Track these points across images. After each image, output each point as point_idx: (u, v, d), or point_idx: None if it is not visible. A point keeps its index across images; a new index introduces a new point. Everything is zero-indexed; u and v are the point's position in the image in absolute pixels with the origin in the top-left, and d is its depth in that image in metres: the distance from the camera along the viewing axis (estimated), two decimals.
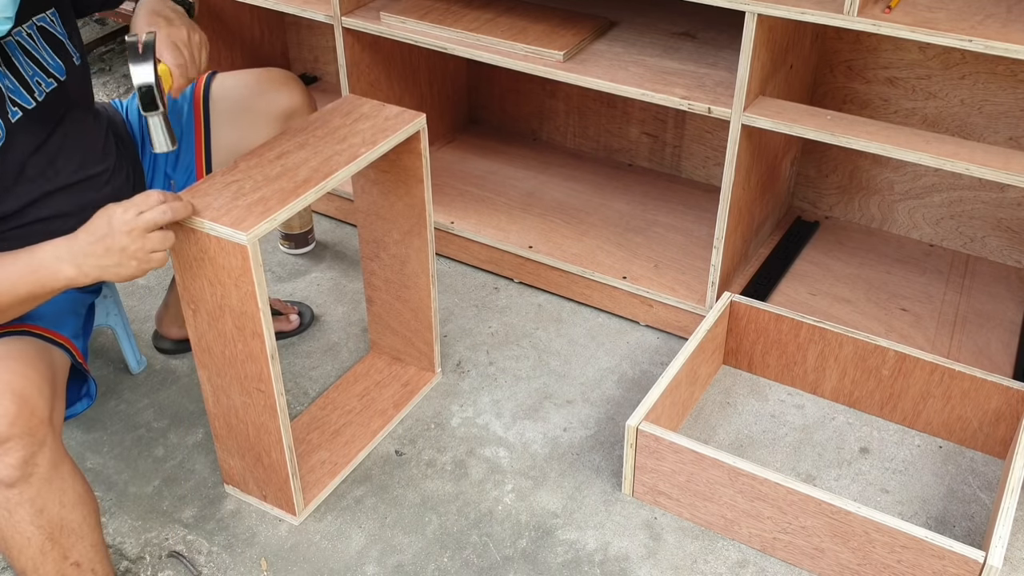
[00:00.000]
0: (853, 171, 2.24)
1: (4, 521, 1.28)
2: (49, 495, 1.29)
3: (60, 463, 1.31)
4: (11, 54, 1.35)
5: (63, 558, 1.34)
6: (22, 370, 1.26)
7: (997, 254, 2.16)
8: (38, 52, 1.39)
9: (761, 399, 1.89)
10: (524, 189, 2.41)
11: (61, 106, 1.43)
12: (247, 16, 2.75)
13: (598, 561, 1.58)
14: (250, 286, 1.36)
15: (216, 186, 1.42)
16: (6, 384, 1.23)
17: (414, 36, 2.03)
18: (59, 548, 1.33)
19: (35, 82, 1.38)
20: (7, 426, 1.21)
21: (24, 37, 1.37)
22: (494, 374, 1.97)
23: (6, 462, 1.22)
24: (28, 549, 1.31)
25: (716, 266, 1.92)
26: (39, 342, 1.35)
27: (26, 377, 1.26)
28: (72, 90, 1.45)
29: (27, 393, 1.24)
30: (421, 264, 1.76)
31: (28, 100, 1.37)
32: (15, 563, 1.32)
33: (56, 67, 1.42)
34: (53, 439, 1.28)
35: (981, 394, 1.71)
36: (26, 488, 1.26)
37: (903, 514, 1.65)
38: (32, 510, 1.28)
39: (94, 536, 1.39)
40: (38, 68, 1.39)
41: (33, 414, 1.24)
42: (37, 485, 1.27)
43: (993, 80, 1.97)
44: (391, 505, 1.69)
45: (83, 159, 1.48)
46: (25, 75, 1.37)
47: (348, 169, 1.48)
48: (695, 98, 1.78)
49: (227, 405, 1.56)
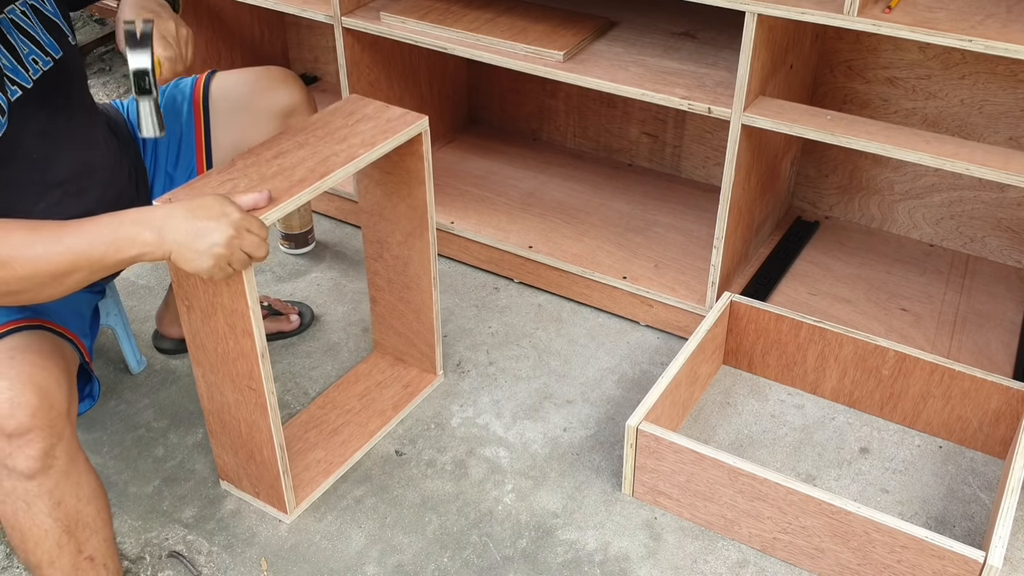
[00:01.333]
0: (853, 171, 2.24)
1: (23, 513, 1.28)
2: (67, 488, 1.30)
3: (76, 457, 1.32)
4: (6, 32, 1.35)
5: (78, 552, 1.35)
6: (42, 363, 1.27)
7: (997, 254, 2.16)
8: (33, 30, 1.39)
9: (761, 399, 1.89)
10: (524, 189, 2.41)
11: (59, 85, 1.43)
12: (247, 16, 2.75)
13: (598, 561, 1.58)
14: (240, 284, 1.36)
15: (211, 183, 1.42)
16: (28, 376, 1.23)
17: (414, 36, 2.03)
18: (75, 542, 1.34)
19: (31, 60, 1.38)
20: (28, 417, 1.22)
21: (18, 15, 1.38)
22: (494, 374, 1.97)
23: (27, 453, 1.23)
24: (45, 542, 1.31)
25: (716, 266, 1.92)
26: (53, 337, 1.36)
27: (46, 370, 1.26)
28: (69, 68, 1.45)
29: (47, 386, 1.25)
30: (423, 266, 1.76)
31: (26, 79, 1.37)
32: (31, 556, 1.33)
33: (51, 45, 1.42)
34: (70, 432, 1.29)
35: (981, 394, 1.71)
36: (45, 480, 1.27)
37: (903, 514, 1.65)
38: (50, 502, 1.29)
39: (107, 531, 1.40)
40: (34, 45, 1.39)
41: (53, 407, 1.25)
42: (56, 478, 1.28)
43: (993, 80, 1.97)
44: (391, 505, 1.69)
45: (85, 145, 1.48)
46: (20, 53, 1.37)
47: (345, 170, 1.48)
48: (695, 98, 1.79)
49: (220, 402, 1.56)
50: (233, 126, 1.69)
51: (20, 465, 1.24)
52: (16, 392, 1.21)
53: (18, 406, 1.21)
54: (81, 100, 1.50)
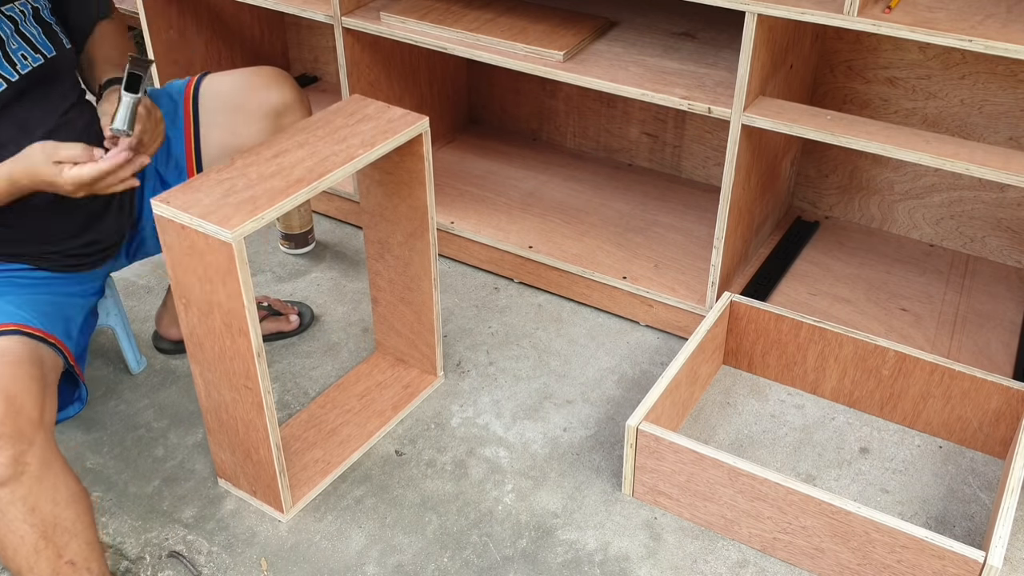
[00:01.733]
0: (853, 171, 2.24)
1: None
2: (41, 493, 1.29)
3: (52, 462, 1.31)
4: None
5: (57, 556, 1.34)
6: (10, 371, 1.27)
7: (997, 254, 2.16)
8: (28, 30, 1.41)
9: (761, 399, 1.89)
10: (524, 189, 2.41)
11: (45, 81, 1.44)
12: (247, 16, 2.75)
13: (598, 561, 1.58)
14: (236, 284, 1.36)
15: (209, 183, 1.42)
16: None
17: (414, 36, 2.03)
18: (53, 546, 1.33)
19: (19, 56, 1.40)
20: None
21: (17, 13, 1.38)
22: (494, 374, 1.97)
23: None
24: (22, 548, 1.31)
25: (716, 266, 1.92)
26: (30, 341, 1.36)
27: (14, 377, 1.26)
28: (60, 67, 1.47)
29: (14, 392, 1.25)
30: (424, 267, 1.76)
31: (11, 72, 1.39)
32: (10, 563, 1.33)
33: (44, 45, 1.43)
34: (44, 438, 1.29)
35: (981, 394, 1.71)
36: (17, 487, 1.26)
37: (903, 514, 1.65)
38: (24, 508, 1.28)
39: (88, 534, 1.39)
40: (25, 43, 1.40)
41: (20, 413, 1.25)
42: (28, 483, 1.27)
43: (993, 80, 1.97)
44: (391, 505, 1.69)
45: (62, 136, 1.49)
46: (9, 49, 1.38)
47: (343, 170, 1.48)
48: (695, 98, 1.79)
49: (218, 400, 1.56)
50: (224, 126, 1.68)
51: None
52: None
53: None
54: (67, 96, 1.51)
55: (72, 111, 1.52)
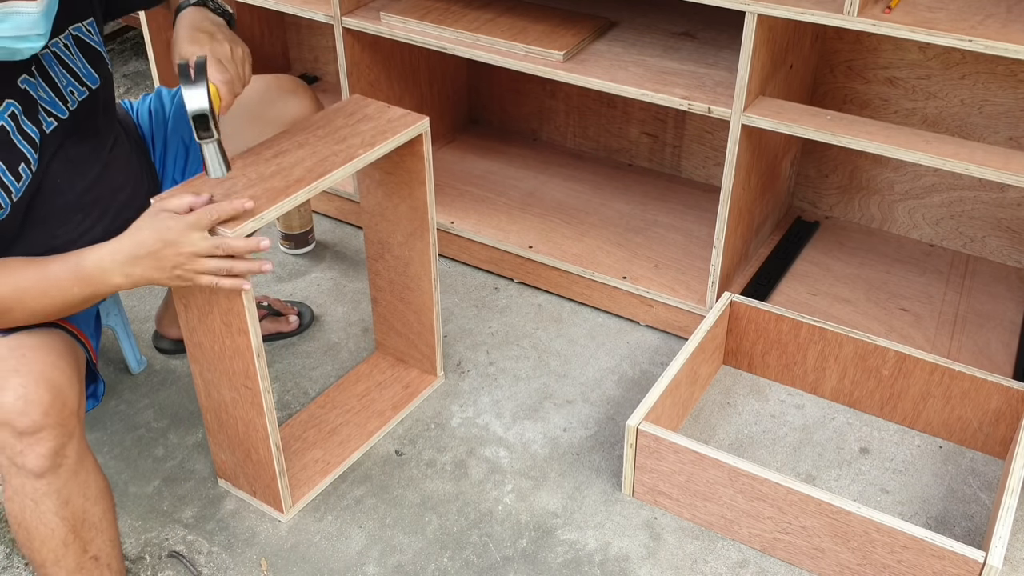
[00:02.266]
0: (853, 171, 2.24)
1: (30, 511, 1.29)
2: (75, 487, 1.31)
3: (85, 456, 1.32)
4: (47, 66, 1.35)
5: (83, 551, 1.35)
6: (55, 361, 1.27)
7: (997, 254, 2.16)
8: (73, 62, 1.39)
9: (761, 399, 1.89)
10: (524, 189, 2.41)
11: (91, 114, 1.43)
12: (247, 16, 2.75)
13: (598, 561, 1.58)
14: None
15: (209, 183, 1.42)
16: (40, 374, 1.24)
17: (414, 36, 2.03)
18: (80, 541, 1.34)
19: (68, 91, 1.38)
20: (41, 415, 1.22)
21: (61, 48, 1.37)
22: (494, 374, 1.97)
23: (37, 452, 1.23)
24: (51, 541, 1.32)
25: (716, 266, 1.92)
26: (66, 335, 1.36)
27: (59, 368, 1.27)
28: (102, 96, 1.45)
29: (60, 384, 1.25)
30: (424, 267, 1.76)
31: (62, 110, 1.37)
32: (36, 554, 1.33)
33: (88, 76, 1.42)
34: (80, 432, 1.30)
35: (981, 394, 1.71)
36: (54, 479, 1.27)
37: (903, 514, 1.65)
38: (58, 501, 1.29)
39: (112, 531, 1.41)
40: (72, 78, 1.39)
41: (65, 405, 1.25)
42: (64, 477, 1.28)
43: (993, 80, 1.97)
44: (391, 505, 1.69)
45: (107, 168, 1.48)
46: (60, 85, 1.37)
47: (343, 170, 1.48)
48: (695, 98, 1.79)
49: (218, 400, 1.56)
50: (242, 135, 1.68)
51: (30, 463, 1.24)
52: (30, 390, 1.22)
53: (31, 404, 1.21)
54: (109, 125, 1.50)
55: (116, 147, 1.51)
